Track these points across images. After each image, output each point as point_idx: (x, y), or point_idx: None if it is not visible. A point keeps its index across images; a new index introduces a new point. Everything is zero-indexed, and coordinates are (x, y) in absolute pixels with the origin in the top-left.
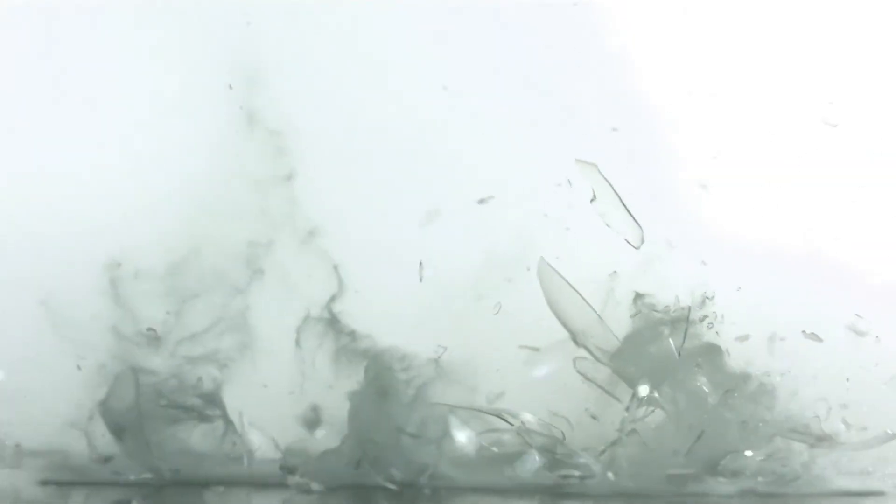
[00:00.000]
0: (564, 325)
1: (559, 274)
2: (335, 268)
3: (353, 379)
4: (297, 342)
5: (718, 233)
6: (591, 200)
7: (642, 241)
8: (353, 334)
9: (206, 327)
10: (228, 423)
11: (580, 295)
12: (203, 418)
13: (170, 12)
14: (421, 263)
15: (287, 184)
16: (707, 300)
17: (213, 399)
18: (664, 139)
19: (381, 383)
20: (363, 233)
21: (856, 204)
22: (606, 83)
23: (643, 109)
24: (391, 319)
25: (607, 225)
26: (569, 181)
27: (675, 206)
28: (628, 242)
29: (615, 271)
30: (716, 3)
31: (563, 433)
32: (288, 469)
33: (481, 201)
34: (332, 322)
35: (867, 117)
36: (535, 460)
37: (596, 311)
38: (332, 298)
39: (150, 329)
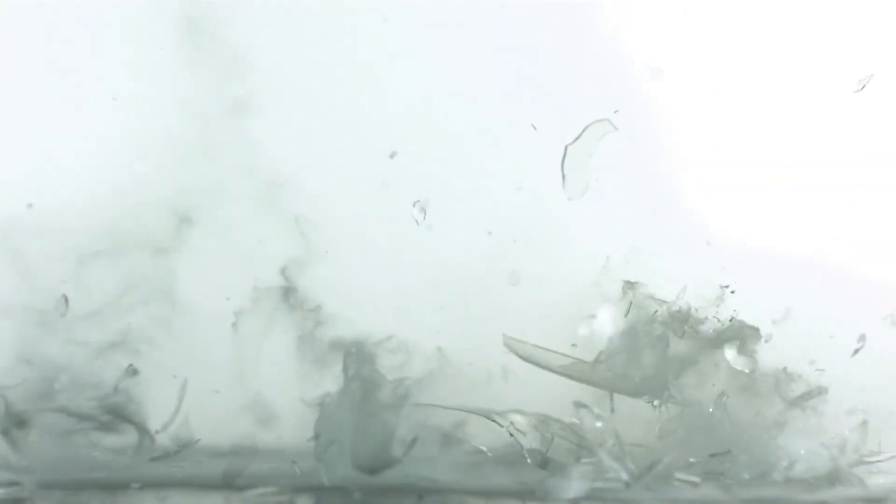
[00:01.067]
0: (553, 372)
1: (525, 342)
2: (296, 219)
3: (316, 379)
4: (236, 324)
5: (720, 231)
6: (569, 145)
7: (581, 195)
8: (317, 311)
9: (113, 300)
10: (143, 432)
11: (554, 351)
12: (106, 428)
13: None
14: (418, 204)
15: (236, 113)
16: (724, 291)
17: (120, 402)
18: (663, 138)
19: (366, 381)
20: (335, 175)
21: (856, 203)
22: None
23: (641, 108)
24: (374, 292)
25: (562, 173)
26: (533, 126)
27: (676, 205)
28: (566, 192)
29: (608, 257)
30: (716, 3)
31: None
32: (231, 476)
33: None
34: (289, 293)
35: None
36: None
37: (574, 356)
38: (291, 261)
39: (62, 296)
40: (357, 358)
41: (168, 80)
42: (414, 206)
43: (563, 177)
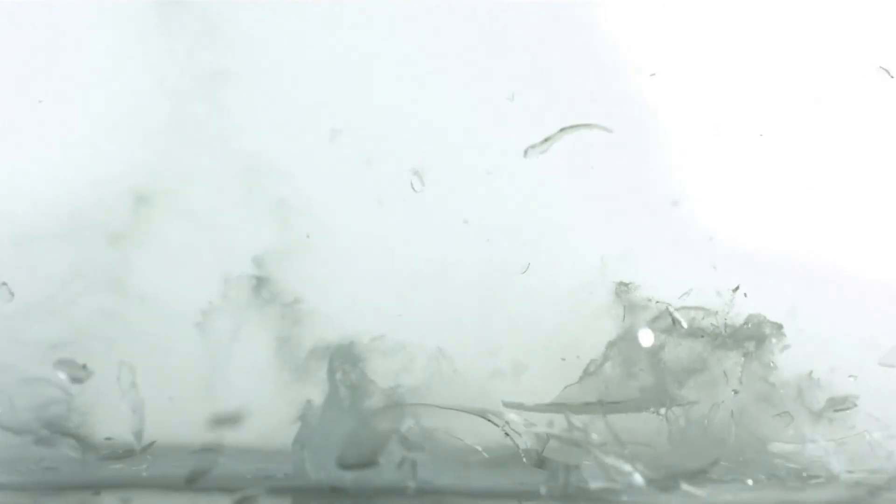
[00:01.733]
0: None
1: (522, 403)
2: (278, 202)
3: (295, 386)
4: (202, 323)
5: (721, 230)
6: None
7: (536, 157)
8: (295, 307)
9: (57, 292)
10: (87, 446)
11: (548, 404)
12: (44, 442)
13: None
14: (416, 173)
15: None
16: (734, 294)
17: (61, 413)
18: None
19: (354, 387)
20: (316, 154)
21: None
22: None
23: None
24: (359, 285)
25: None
26: (512, 95)
27: (677, 202)
28: (526, 153)
29: (603, 257)
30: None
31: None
32: (195, 476)
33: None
34: (262, 285)
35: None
36: None
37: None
38: (267, 249)
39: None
40: (344, 360)
41: (139, 53)
42: (414, 174)
43: (538, 144)
